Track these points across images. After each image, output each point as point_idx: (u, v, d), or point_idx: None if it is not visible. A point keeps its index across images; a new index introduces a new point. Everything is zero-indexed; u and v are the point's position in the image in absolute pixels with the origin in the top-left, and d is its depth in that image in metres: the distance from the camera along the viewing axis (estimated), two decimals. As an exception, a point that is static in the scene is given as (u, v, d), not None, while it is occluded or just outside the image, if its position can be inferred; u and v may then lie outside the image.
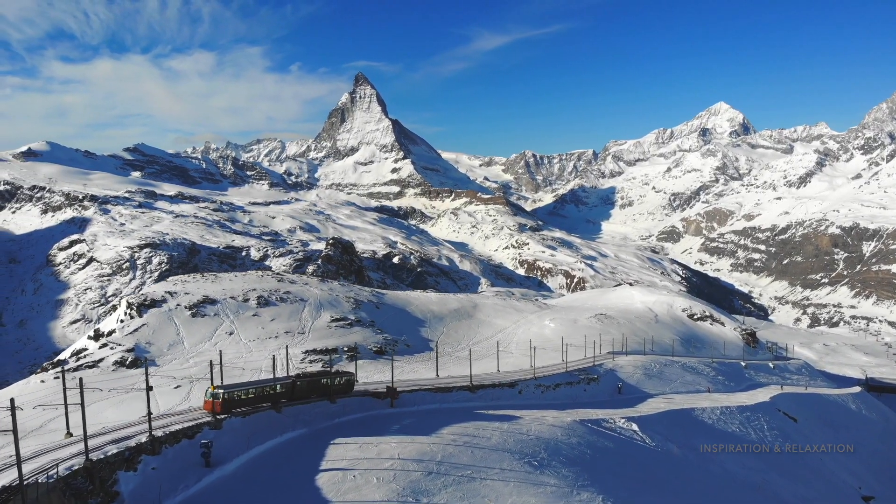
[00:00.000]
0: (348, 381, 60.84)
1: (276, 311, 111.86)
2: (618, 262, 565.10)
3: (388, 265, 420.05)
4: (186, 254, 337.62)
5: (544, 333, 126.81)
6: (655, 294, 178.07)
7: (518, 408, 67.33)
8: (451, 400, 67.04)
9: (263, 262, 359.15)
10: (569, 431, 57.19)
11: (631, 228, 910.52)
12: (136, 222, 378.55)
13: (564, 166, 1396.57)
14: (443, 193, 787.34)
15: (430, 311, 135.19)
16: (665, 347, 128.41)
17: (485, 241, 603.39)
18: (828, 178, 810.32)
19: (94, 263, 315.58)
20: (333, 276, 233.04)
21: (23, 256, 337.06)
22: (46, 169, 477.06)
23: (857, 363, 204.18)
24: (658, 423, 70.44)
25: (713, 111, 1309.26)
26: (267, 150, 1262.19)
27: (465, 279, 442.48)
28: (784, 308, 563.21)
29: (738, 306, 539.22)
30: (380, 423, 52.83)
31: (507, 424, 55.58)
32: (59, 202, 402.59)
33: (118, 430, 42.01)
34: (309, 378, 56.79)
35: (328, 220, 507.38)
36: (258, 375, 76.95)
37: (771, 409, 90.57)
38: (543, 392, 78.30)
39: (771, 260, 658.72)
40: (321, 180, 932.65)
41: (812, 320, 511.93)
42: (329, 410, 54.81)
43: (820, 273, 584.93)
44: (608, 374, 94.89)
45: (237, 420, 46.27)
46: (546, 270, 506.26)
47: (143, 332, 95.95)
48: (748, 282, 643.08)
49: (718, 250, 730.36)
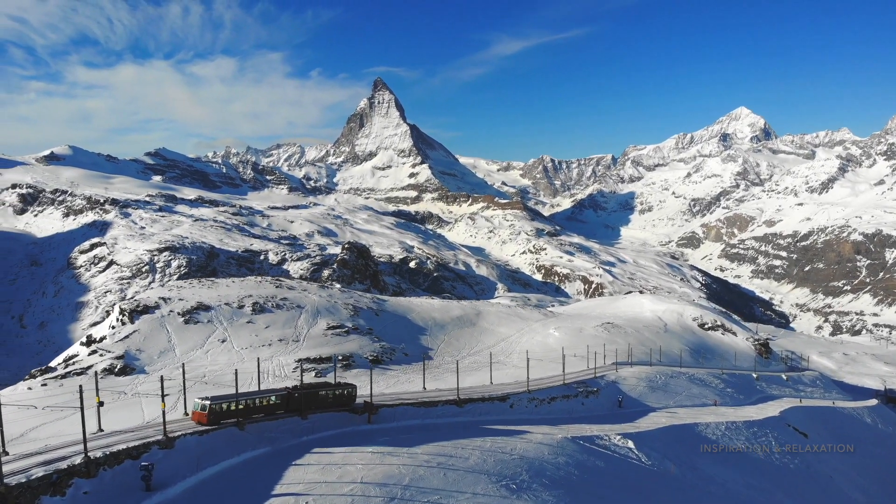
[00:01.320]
0: (349, 393, 58.61)
1: (271, 318, 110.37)
2: (637, 267, 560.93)
3: (404, 270, 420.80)
4: (205, 257, 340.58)
5: (548, 342, 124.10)
6: (665, 302, 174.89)
7: (508, 423, 64.77)
8: (436, 415, 63.34)
9: (281, 266, 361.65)
10: (557, 450, 54.34)
11: (650, 234, 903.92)
12: (156, 226, 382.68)
13: (583, 171, 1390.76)
14: (460, 198, 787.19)
15: (432, 319, 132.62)
16: (673, 358, 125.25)
17: (502, 245, 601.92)
18: (850, 183, 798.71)
19: (113, 266, 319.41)
20: (349, 280, 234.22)
21: (44, 259, 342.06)
22: (69, 173, 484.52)
23: (877, 373, 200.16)
24: (657, 439, 67.63)
25: (734, 116, 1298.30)
26: (286, 155, 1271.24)
27: (481, 284, 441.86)
28: (805, 316, 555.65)
29: (758, 314, 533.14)
30: (351, 441, 49.48)
31: (491, 442, 52.67)
32: (80, 206, 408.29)
33: (64, 448, 39.30)
34: (307, 389, 54.97)
35: (346, 225, 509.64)
36: (249, 385, 74.76)
37: (780, 424, 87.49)
38: (537, 406, 74.89)
39: (792, 267, 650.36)
40: (339, 185, 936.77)
41: (834, 328, 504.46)
42: (299, 427, 51.25)
43: (842, 280, 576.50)
44: (609, 387, 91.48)
45: (192, 438, 43.58)
46: (563, 276, 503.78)
47: (134, 339, 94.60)
48: (769, 289, 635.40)
49: (739, 257, 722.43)
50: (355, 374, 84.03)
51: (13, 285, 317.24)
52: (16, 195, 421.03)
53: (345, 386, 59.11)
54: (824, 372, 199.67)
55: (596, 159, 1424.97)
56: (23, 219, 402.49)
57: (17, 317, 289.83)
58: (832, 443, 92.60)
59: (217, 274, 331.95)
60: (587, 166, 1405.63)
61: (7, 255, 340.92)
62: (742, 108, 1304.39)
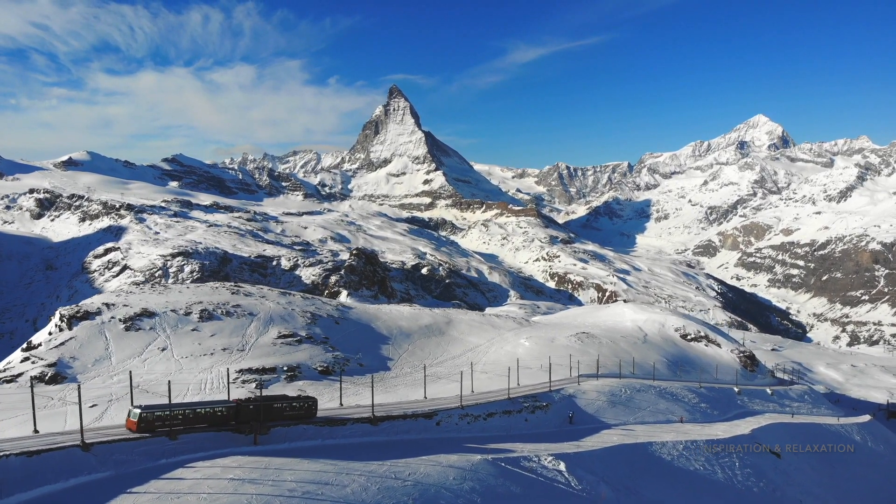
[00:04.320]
0: (309, 406, 56.05)
1: (218, 326, 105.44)
2: (651, 276, 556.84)
3: (416, 276, 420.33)
4: (218, 262, 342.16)
5: (517, 353, 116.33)
6: (647, 312, 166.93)
7: (429, 443, 58.40)
8: (342, 435, 56.46)
9: (294, 272, 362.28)
10: (468, 474, 47.61)
11: (666, 242, 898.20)
12: (170, 231, 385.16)
13: (599, 178, 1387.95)
14: (474, 205, 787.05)
15: (398, 328, 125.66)
16: (648, 370, 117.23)
17: (515, 253, 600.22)
18: (869, 192, 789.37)
19: (127, 271, 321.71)
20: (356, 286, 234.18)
21: (59, 263, 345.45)
22: (86, 178, 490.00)
23: (885, 385, 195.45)
24: (599, 460, 61.58)
25: (751, 124, 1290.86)
26: (303, 162, 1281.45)
27: (493, 291, 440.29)
28: (823, 326, 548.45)
29: (775, 323, 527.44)
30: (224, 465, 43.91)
31: (388, 466, 46.14)
32: (96, 211, 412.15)
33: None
34: (260, 402, 52.53)
35: (359, 231, 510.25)
36: (184, 396, 70.62)
37: (749, 443, 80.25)
38: (470, 423, 68.08)
39: (810, 276, 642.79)
40: (354, 191, 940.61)
41: (851, 338, 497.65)
42: (163, 448, 45.48)
43: (860, 290, 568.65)
44: (564, 401, 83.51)
45: (17, 459, 39.36)
46: (577, 284, 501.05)
47: (70, 346, 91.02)
48: (786, 298, 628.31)
49: (755, 265, 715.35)
50: (300, 386, 78.47)
51: (28, 289, 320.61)
52: (33, 200, 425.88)
53: (304, 399, 56.66)
54: (831, 384, 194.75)
55: (612, 166, 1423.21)
56: (39, 223, 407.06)
57: (31, 320, 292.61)
58: (811, 463, 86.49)
59: (230, 279, 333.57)
60: (603, 173, 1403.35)
61: (23, 259, 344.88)
62: (760, 115, 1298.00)
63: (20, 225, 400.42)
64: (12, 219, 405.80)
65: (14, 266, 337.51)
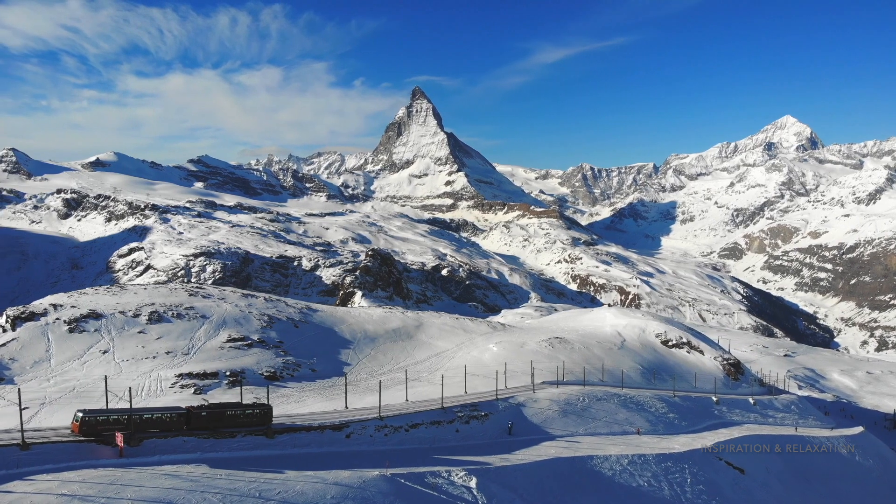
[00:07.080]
0: (264, 413, 54.29)
1: (167, 329, 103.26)
2: (675, 278, 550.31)
3: (436, 277, 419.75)
4: (240, 263, 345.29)
5: (483, 358, 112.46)
6: (629, 317, 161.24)
7: (330, 458, 53.50)
8: (228, 448, 50.98)
9: (314, 272, 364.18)
10: (351, 492, 42.34)
11: (692, 244, 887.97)
12: (193, 231, 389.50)
13: (623, 180, 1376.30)
14: (495, 206, 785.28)
15: (363, 331, 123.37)
16: (618, 377, 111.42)
17: (536, 254, 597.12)
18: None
19: (150, 271, 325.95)
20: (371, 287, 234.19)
21: (85, 263, 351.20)
22: (113, 179, 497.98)
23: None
24: (524, 475, 55.95)
25: (779, 125, 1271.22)
26: (327, 163, 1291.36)
27: (514, 293, 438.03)
28: (850, 330, 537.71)
29: (801, 328, 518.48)
30: (68, 481, 38.93)
31: (257, 484, 41.04)
32: (122, 211, 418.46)
33: None
34: (210, 409, 51.43)
35: (380, 232, 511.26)
36: (118, 402, 67.49)
37: (708, 458, 73.55)
38: (388, 436, 62.47)
39: (838, 279, 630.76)
40: (377, 192, 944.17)
41: (880, 343, 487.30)
42: (10, 458, 41.26)
43: (889, 294, 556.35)
44: (508, 410, 77.68)
45: None
46: (599, 286, 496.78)
47: (10, 348, 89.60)
48: (813, 302, 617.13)
49: (782, 269, 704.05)
50: (241, 392, 78.03)
51: (54, 288, 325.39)
52: (60, 200, 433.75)
53: (258, 406, 55.09)
54: (843, 392, 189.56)
55: (637, 168, 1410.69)
56: (66, 223, 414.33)
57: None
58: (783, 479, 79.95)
59: (251, 279, 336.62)
60: (628, 175, 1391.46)
61: (50, 258, 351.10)
62: (788, 116, 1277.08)
63: (47, 224, 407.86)
64: (40, 218, 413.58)
65: (41, 265, 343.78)
